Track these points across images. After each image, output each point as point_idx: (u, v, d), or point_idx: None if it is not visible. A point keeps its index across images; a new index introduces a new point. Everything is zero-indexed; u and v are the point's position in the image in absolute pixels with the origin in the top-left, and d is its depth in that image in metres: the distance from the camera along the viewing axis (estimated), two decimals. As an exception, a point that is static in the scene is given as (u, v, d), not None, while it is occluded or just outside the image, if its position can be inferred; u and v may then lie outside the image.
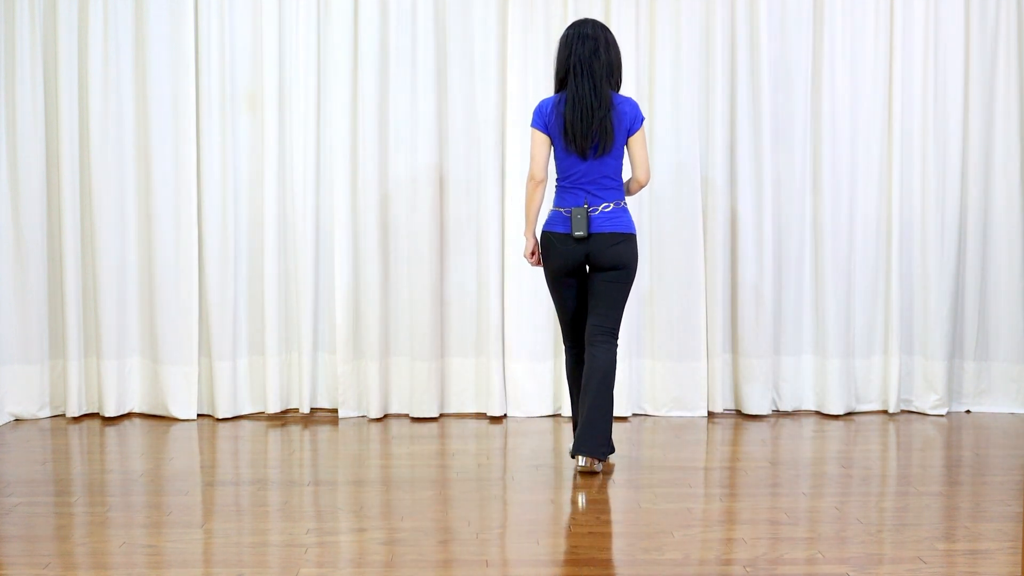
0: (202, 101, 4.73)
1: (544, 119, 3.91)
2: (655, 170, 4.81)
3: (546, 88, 4.72)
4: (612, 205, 3.91)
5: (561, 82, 3.92)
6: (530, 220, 3.98)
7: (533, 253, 4.02)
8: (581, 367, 4.00)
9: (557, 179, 3.99)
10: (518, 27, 4.73)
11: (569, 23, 4.55)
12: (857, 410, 4.95)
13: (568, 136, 3.86)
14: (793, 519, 3.39)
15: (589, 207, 3.88)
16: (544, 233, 3.96)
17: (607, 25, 4.68)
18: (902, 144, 4.84)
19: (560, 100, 3.89)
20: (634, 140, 3.92)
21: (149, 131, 4.72)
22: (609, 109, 3.85)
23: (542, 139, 3.92)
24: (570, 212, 3.89)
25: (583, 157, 3.88)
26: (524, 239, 4.14)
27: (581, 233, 3.85)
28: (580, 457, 3.88)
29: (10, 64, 4.68)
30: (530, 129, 3.98)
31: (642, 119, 3.93)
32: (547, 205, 4.58)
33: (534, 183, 3.93)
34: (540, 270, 4.59)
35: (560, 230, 3.91)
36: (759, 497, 3.65)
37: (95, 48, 4.68)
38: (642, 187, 4.02)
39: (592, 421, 3.86)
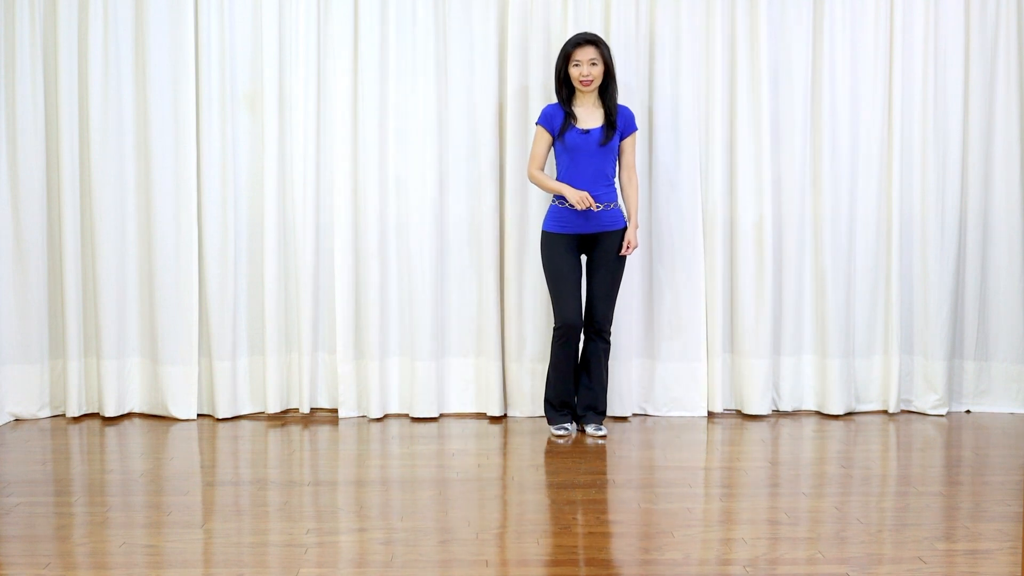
0: (202, 101, 4.73)
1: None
2: (656, 170, 4.81)
3: (545, 87, 4.72)
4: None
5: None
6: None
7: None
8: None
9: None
10: (518, 27, 4.72)
11: (571, 29, 4.62)
12: (857, 410, 4.95)
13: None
14: (793, 519, 3.39)
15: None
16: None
17: (607, 24, 4.72)
18: (902, 144, 4.84)
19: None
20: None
21: (149, 131, 4.72)
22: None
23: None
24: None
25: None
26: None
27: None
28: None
29: (10, 64, 4.68)
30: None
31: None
32: (545, 204, 4.61)
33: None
34: (539, 271, 4.64)
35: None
36: (759, 497, 3.65)
37: (95, 48, 4.68)
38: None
39: None
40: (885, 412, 4.94)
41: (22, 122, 4.68)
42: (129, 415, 4.87)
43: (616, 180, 4.49)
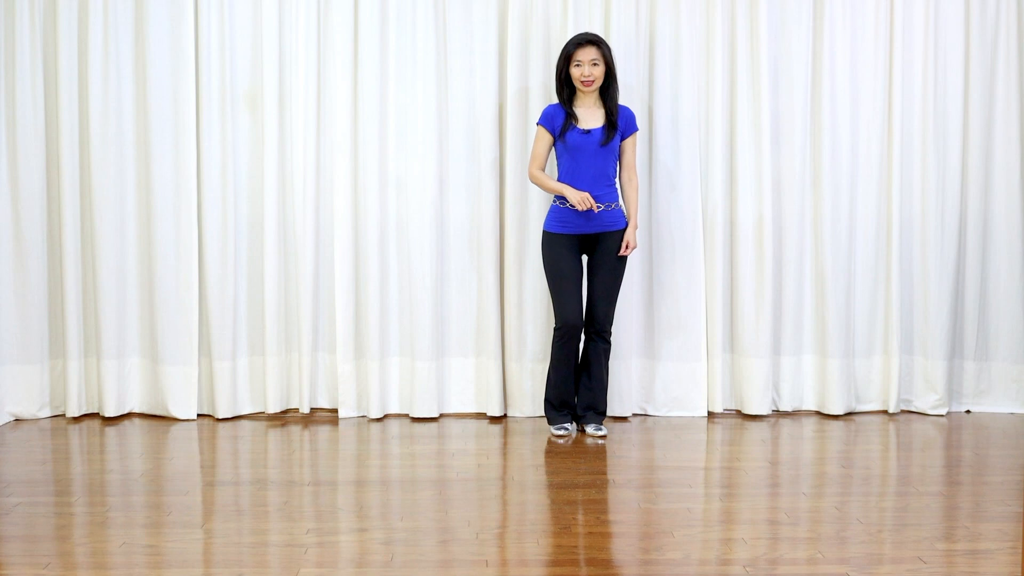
0: (202, 101, 4.73)
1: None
2: (656, 170, 4.81)
3: (545, 88, 4.72)
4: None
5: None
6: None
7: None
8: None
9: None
10: (518, 27, 4.72)
11: (571, 30, 4.63)
12: (857, 410, 4.95)
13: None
14: (793, 519, 3.39)
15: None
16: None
17: (607, 24, 4.72)
18: (902, 144, 4.84)
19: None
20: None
21: (149, 131, 4.72)
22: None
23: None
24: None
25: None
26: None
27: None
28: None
29: (10, 64, 4.68)
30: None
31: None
32: (546, 204, 4.61)
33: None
34: (539, 271, 4.64)
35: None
36: (759, 497, 3.65)
37: (95, 48, 4.68)
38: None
39: None
40: (885, 412, 4.94)
41: (22, 122, 4.68)
42: (129, 415, 4.87)
43: (616, 180, 4.49)
